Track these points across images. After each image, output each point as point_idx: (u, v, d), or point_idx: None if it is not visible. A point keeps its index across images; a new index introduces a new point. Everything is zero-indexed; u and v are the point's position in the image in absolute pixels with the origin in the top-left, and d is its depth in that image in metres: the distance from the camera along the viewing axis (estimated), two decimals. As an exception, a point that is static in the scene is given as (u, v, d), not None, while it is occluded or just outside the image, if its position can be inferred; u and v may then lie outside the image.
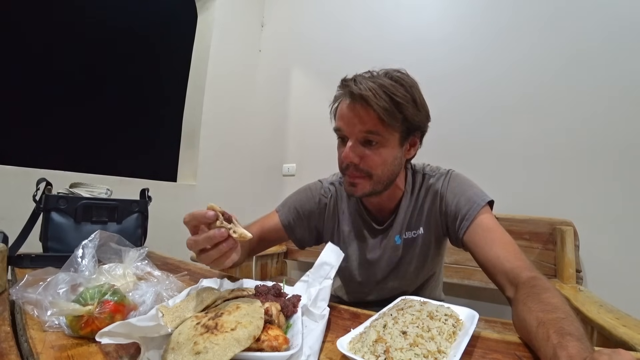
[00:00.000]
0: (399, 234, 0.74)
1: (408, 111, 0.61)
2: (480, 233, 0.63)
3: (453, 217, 0.68)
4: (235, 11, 2.16)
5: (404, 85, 0.62)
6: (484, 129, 1.51)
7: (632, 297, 1.14)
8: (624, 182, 1.23)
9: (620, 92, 1.25)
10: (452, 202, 0.69)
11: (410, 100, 0.62)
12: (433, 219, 0.72)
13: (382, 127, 0.61)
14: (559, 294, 0.46)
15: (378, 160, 0.64)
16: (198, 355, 0.32)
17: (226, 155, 2.12)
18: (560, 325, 0.38)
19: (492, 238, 0.62)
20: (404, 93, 0.61)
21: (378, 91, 0.59)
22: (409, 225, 0.74)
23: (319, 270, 0.56)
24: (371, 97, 0.59)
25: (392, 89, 0.60)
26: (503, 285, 0.57)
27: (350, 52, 1.93)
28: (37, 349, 0.38)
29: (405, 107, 0.61)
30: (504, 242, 0.60)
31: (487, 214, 0.65)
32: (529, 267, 0.55)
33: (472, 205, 0.65)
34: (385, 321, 0.43)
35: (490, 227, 0.63)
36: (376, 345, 0.37)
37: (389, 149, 0.64)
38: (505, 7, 1.51)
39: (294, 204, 0.82)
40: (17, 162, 1.27)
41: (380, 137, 0.62)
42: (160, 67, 2.75)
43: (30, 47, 2.06)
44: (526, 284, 0.50)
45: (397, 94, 0.60)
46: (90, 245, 0.55)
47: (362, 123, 0.62)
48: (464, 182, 0.71)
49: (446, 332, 0.41)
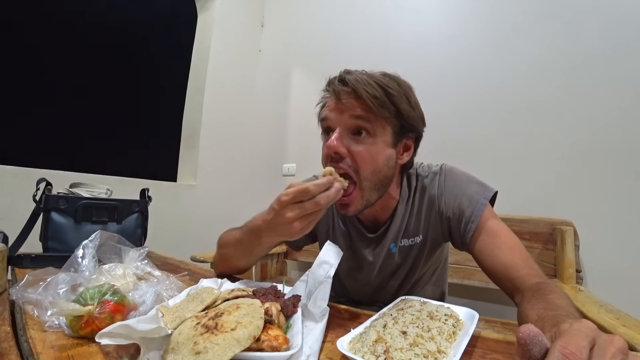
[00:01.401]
0: (394, 242, 0.70)
1: (401, 105, 0.58)
2: (485, 239, 0.60)
3: (457, 221, 0.64)
4: (235, 11, 2.16)
5: (396, 81, 0.60)
6: (484, 129, 1.51)
7: (632, 297, 1.14)
8: (624, 182, 1.23)
9: (621, 92, 1.25)
10: (453, 204, 0.65)
11: (403, 95, 0.59)
12: (432, 223, 0.68)
13: (372, 115, 0.57)
14: (565, 296, 0.45)
15: (367, 155, 0.57)
16: (198, 355, 0.32)
17: (226, 155, 2.12)
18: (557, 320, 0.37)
19: (498, 244, 0.59)
20: (396, 87, 0.58)
21: (369, 80, 0.56)
22: (405, 232, 0.69)
23: (318, 269, 0.56)
24: (360, 85, 0.55)
25: (384, 80, 0.58)
26: (510, 292, 0.56)
27: (350, 52, 1.93)
28: (37, 349, 0.38)
29: (398, 100, 0.58)
30: (511, 247, 0.58)
31: (490, 214, 0.63)
32: (536, 273, 0.53)
33: (475, 206, 0.62)
34: (385, 321, 0.43)
35: (495, 231, 0.60)
36: (376, 345, 0.37)
37: (379, 144, 0.58)
38: (505, 10, 1.51)
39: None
40: (17, 162, 1.27)
41: (370, 126, 0.57)
42: (160, 67, 2.75)
43: (30, 47, 2.06)
44: (533, 287, 0.50)
45: (390, 86, 0.57)
46: (91, 245, 0.55)
47: (352, 109, 0.57)
48: (461, 179, 0.67)
49: (446, 332, 0.41)
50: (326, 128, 0.62)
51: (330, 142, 0.57)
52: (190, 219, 1.84)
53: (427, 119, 0.66)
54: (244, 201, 2.20)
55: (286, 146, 2.16)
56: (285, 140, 2.17)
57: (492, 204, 0.66)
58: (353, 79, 0.56)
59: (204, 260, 1.33)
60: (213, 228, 2.00)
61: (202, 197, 1.92)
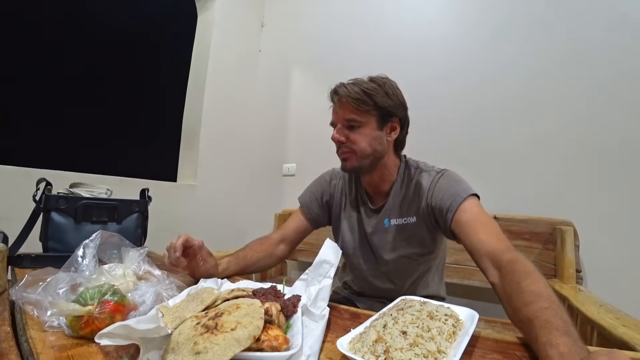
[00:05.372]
0: (388, 218, 0.84)
1: (377, 99, 0.75)
2: (463, 221, 0.69)
3: (439, 211, 0.74)
4: (235, 11, 2.16)
5: (375, 81, 0.77)
6: (484, 129, 1.51)
7: (632, 297, 1.13)
8: (624, 182, 1.23)
9: (621, 92, 1.26)
10: (438, 196, 0.75)
11: (379, 90, 0.75)
12: (424, 208, 0.79)
13: (358, 113, 0.76)
14: (538, 277, 0.48)
15: (359, 137, 0.77)
16: (198, 355, 0.32)
17: (226, 155, 2.12)
18: (545, 317, 0.39)
19: (475, 224, 0.67)
20: (374, 86, 0.76)
21: (352, 87, 0.75)
22: (399, 212, 0.83)
23: (318, 268, 0.56)
24: (345, 91, 0.75)
25: (365, 84, 0.76)
26: (487, 269, 0.61)
27: (350, 52, 1.93)
28: (37, 349, 0.38)
29: (375, 96, 0.74)
30: (486, 225, 0.66)
31: (469, 203, 0.71)
32: (509, 247, 0.60)
33: (455, 198, 0.72)
34: (385, 321, 0.43)
35: (473, 213, 0.69)
36: (376, 345, 0.37)
37: (368, 129, 0.77)
38: (504, 7, 1.51)
39: (310, 188, 0.99)
40: (17, 162, 1.27)
41: (358, 121, 0.76)
42: (161, 67, 2.75)
43: (30, 48, 2.06)
44: (507, 269, 0.54)
45: (368, 86, 0.75)
46: (92, 245, 0.55)
47: (343, 111, 0.78)
48: (453, 179, 0.78)
49: (446, 332, 0.41)
50: (332, 124, 0.82)
51: (333, 135, 0.79)
52: (190, 219, 1.84)
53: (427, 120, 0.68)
54: (244, 201, 2.20)
55: (286, 146, 2.16)
56: (285, 140, 2.17)
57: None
58: (342, 90, 0.76)
59: (204, 260, 1.32)
60: (213, 228, 2.03)
61: (202, 197, 1.92)
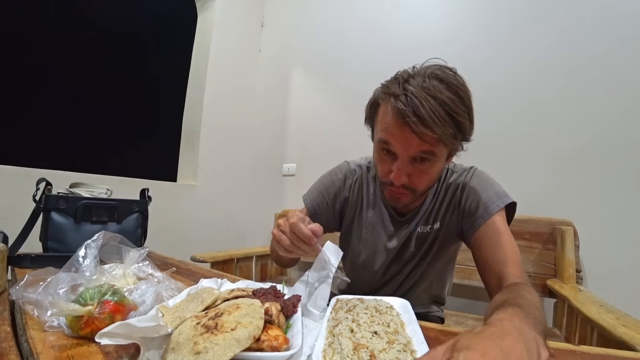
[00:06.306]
0: (416, 227, 0.75)
1: (466, 128, 0.58)
2: (489, 234, 0.63)
3: (469, 212, 0.68)
4: (235, 11, 2.16)
5: (462, 98, 0.56)
6: (484, 129, 1.48)
7: (632, 297, 1.14)
8: (624, 182, 1.23)
9: (621, 92, 1.26)
10: (473, 197, 0.68)
11: (459, 105, 0.55)
12: (450, 213, 0.73)
13: (433, 142, 0.56)
14: (537, 295, 0.46)
15: (425, 178, 0.62)
16: (198, 355, 0.32)
17: (226, 155, 2.12)
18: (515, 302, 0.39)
19: (500, 242, 0.61)
20: (463, 108, 0.56)
21: (440, 112, 0.52)
22: (427, 219, 0.74)
23: (318, 269, 0.56)
24: (434, 122, 0.52)
25: (454, 106, 0.54)
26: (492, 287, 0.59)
27: (350, 52, 1.93)
28: (37, 349, 0.38)
29: (465, 125, 0.57)
30: (510, 249, 0.60)
31: (501, 217, 0.65)
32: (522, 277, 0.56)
33: (490, 206, 0.65)
34: (347, 325, 0.41)
35: (500, 231, 0.63)
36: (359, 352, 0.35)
37: (438, 165, 0.61)
38: (505, 10, 1.51)
39: (319, 187, 0.82)
40: (17, 162, 1.27)
41: (430, 153, 0.58)
42: (161, 67, 2.75)
43: (30, 48, 2.06)
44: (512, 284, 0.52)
45: (458, 112, 0.54)
46: (93, 246, 0.55)
47: (419, 144, 0.56)
48: (487, 180, 0.71)
49: (399, 323, 0.42)
50: (386, 149, 0.62)
51: (395, 176, 0.60)
52: (190, 219, 1.84)
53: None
54: (244, 201, 2.20)
55: (286, 146, 2.16)
56: (285, 140, 2.17)
57: (511, 215, 0.69)
58: (420, 109, 0.52)
59: (203, 260, 1.33)
60: (213, 228, 2.03)
61: (202, 197, 1.92)
